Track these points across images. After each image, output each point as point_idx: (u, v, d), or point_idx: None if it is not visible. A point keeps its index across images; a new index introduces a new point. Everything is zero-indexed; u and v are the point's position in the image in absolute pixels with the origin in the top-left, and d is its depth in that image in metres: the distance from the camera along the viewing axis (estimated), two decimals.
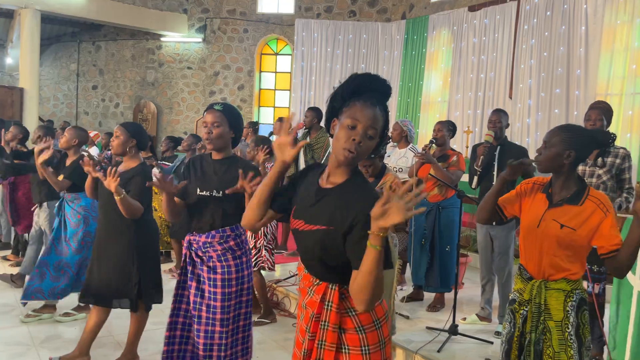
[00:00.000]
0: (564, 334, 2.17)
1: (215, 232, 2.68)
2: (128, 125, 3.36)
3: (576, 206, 2.18)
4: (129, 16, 11.99)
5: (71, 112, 13.90)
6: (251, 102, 12.65)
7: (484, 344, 3.75)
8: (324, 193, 1.77)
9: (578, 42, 7.84)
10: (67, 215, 4.26)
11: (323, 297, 1.75)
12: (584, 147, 2.22)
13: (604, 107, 3.46)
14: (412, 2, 11.13)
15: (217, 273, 2.65)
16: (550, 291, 2.21)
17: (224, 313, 2.63)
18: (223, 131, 2.67)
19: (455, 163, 4.45)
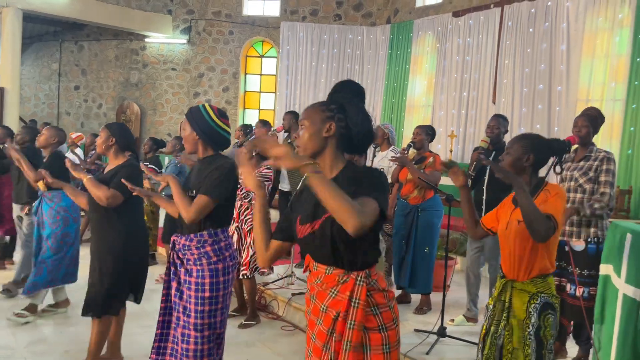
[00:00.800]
0: (524, 332, 2.31)
1: (193, 236, 2.67)
2: (110, 125, 3.38)
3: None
4: (113, 16, 11.88)
5: (52, 112, 13.71)
6: (236, 104, 12.61)
7: (472, 345, 3.79)
8: None
9: (560, 40, 7.98)
10: (45, 215, 4.22)
11: (350, 294, 1.78)
12: (541, 151, 2.42)
13: (591, 115, 3.51)
14: (397, 6, 11.22)
15: (192, 276, 2.65)
16: (516, 291, 2.37)
17: (198, 318, 2.61)
18: (185, 134, 2.72)
19: (432, 164, 4.54)
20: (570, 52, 7.89)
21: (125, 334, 3.67)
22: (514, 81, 8.60)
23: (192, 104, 12.65)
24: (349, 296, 1.78)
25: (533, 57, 8.33)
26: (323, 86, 11.49)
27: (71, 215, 4.25)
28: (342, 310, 1.78)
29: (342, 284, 1.81)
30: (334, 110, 1.85)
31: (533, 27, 8.36)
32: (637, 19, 6.86)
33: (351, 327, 1.77)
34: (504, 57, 8.77)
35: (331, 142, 1.85)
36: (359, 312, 1.76)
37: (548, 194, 2.32)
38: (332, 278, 1.83)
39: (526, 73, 8.42)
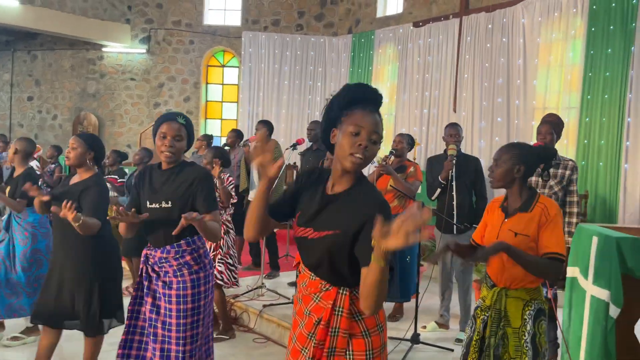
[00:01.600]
0: (520, 340, 2.31)
1: (170, 247, 2.58)
2: (86, 137, 3.24)
3: (527, 213, 2.36)
4: (68, 25, 11.56)
5: (4, 124, 13.21)
6: (197, 115, 12.46)
7: (445, 351, 3.84)
8: (330, 200, 1.81)
9: (517, 54, 8.24)
10: (14, 231, 4.05)
11: (334, 302, 1.77)
12: (530, 161, 2.43)
13: (554, 121, 3.65)
14: (358, 17, 11.36)
15: (172, 289, 2.56)
16: (510, 299, 2.36)
17: (179, 331, 2.53)
18: (182, 145, 2.62)
19: (413, 174, 4.57)
20: (527, 58, 8.14)
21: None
22: (473, 83, 8.81)
23: (152, 115, 12.43)
24: (332, 305, 1.77)
25: (492, 56, 8.54)
26: (285, 92, 11.49)
27: (39, 230, 4.09)
28: (323, 318, 1.77)
29: (324, 291, 1.80)
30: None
31: (491, 35, 8.60)
32: (589, 30, 7.16)
33: (335, 333, 1.77)
34: (464, 56, 8.97)
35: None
36: (343, 320, 1.76)
37: (546, 212, 2.31)
38: (315, 284, 1.82)
39: (486, 68, 8.63)
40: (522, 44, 8.20)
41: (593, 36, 7.10)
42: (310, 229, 1.80)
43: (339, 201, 1.78)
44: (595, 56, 7.05)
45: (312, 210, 1.82)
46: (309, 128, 5.71)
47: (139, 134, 12.32)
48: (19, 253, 4.07)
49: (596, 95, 7.05)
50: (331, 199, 1.81)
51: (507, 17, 8.41)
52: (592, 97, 7.09)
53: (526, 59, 8.16)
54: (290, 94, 11.49)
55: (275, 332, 4.53)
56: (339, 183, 1.81)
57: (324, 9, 11.91)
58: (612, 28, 6.91)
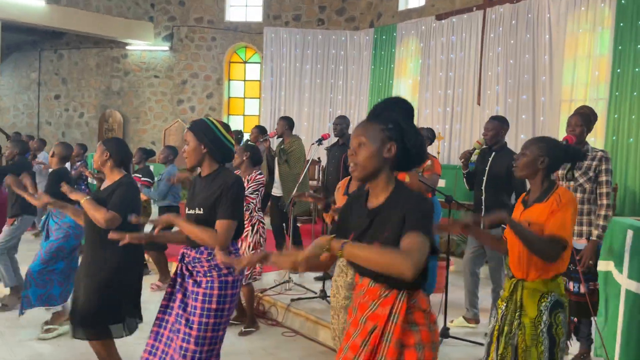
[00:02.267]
0: (537, 330, 2.34)
1: (204, 249, 2.65)
2: (105, 141, 3.32)
3: (542, 203, 2.38)
4: (93, 24, 11.74)
5: (32, 122, 13.49)
6: (220, 111, 12.55)
7: (475, 345, 3.83)
8: (375, 213, 1.85)
9: (542, 50, 8.13)
10: (51, 229, 4.18)
11: (391, 309, 1.77)
12: (556, 155, 2.45)
13: (584, 113, 3.56)
14: (380, 10, 11.30)
15: (201, 287, 2.63)
16: (526, 290, 2.39)
17: (201, 330, 2.57)
18: (191, 147, 2.67)
19: (430, 167, 4.54)
20: (553, 53, 8.02)
21: (119, 344, 3.58)
22: (498, 78, 8.72)
23: (176, 111, 12.57)
24: (389, 311, 1.77)
25: (517, 52, 8.43)
26: (307, 90, 11.51)
27: (74, 232, 4.21)
28: (379, 325, 1.77)
29: (383, 297, 1.81)
30: (392, 130, 1.81)
31: (516, 27, 8.49)
32: (617, 25, 7.01)
33: (387, 341, 1.76)
34: (488, 50, 8.87)
35: (388, 164, 1.83)
36: (396, 328, 1.75)
37: (558, 200, 2.34)
38: (374, 291, 1.83)
39: (511, 64, 8.52)
40: (547, 36, 8.07)
41: (621, 31, 6.95)
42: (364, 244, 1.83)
43: (383, 212, 1.83)
44: (624, 52, 6.91)
45: (362, 227, 1.86)
46: (334, 123, 5.72)
47: (163, 131, 12.49)
48: (45, 245, 4.21)
49: (625, 91, 6.91)
50: (375, 212, 1.85)
51: (532, 8, 8.28)
52: (621, 94, 6.95)
53: (552, 52, 8.03)
54: (312, 87, 11.50)
55: (304, 326, 4.57)
56: (376, 195, 1.87)
57: (345, 3, 11.87)
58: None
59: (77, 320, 3.13)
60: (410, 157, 1.83)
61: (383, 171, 1.83)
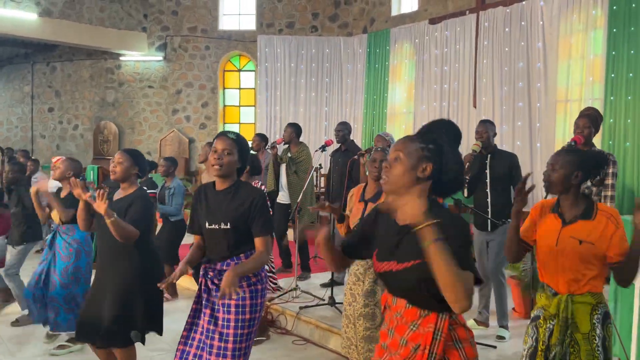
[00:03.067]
0: (591, 345, 2.27)
1: (230, 260, 2.66)
2: (131, 152, 3.31)
3: (590, 221, 2.32)
4: (86, 36, 11.72)
5: (26, 136, 13.41)
6: (216, 120, 12.55)
7: (487, 348, 3.85)
8: (406, 230, 1.78)
9: (536, 56, 8.19)
10: (58, 248, 4.14)
11: (435, 327, 1.75)
12: (589, 167, 2.41)
13: (592, 115, 3.62)
14: (373, 16, 11.36)
15: (232, 299, 2.61)
16: (576, 305, 2.32)
17: (237, 342, 2.58)
18: (232, 159, 2.65)
19: None
20: (547, 53, 8.10)
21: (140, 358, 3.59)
22: (493, 83, 8.78)
23: (171, 121, 12.55)
24: (432, 329, 1.75)
25: (511, 58, 8.51)
26: (302, 97, 11.53)
27: (84, 248, 4.18)
28: (423, 343, 1.75)
29: (423, 317, 1.78)
30: (432, 150, 1.77)
31: (509, 30, 8.56)
32: (610, 18, 7.10)
33: (432, 358, 1.73)
34: (482, 53, 8.94)
35: (421, 184, 1.78)
36: (440, 345, 1.74)
37: (613, 220, 2.29)
38: (413, 312, 1.80)
39: (505, 72, 8.59)
40: (541, 38, 8.14)
41: (614, 36, 7.03)
42: (394, 262, 1.81)
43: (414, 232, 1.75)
44: (617, 57, 6.97)
45: (391, 243, 1.83)
46: (336, 129, 5.74)
47: (159, 141, 12.46)
48: (60, 269, 4.14)
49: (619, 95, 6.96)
50: (406, 228, 1.78)
51: (525, 13, 8.36)
52: (616, 98, 7.01)
53: (546, 53, 8.11)
54: (307, 94, 11.52)
55: (314, 333, 4.57)
56: (406, 213, 1.77)
57: (338, 9, 11.94)
58: (632, 29, 6.84)
59: (102, 330, 3.13)
60: (445, 182, 1.78)
61: (414, 189, 1.78)
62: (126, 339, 3.16)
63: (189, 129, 12.56)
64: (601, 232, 2.28)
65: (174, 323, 4.25)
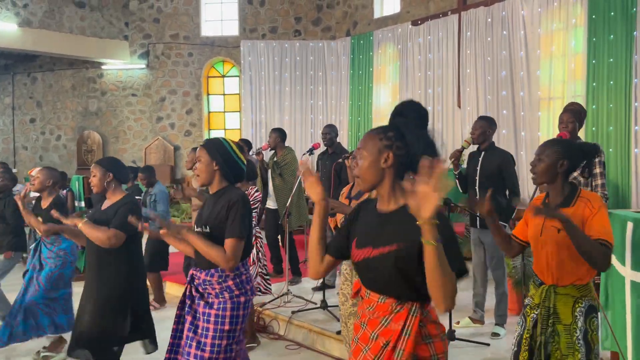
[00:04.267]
0: (572, 337, 2.28)
1: (214, 271, 2.63)
2: (102, 161, 3.29)
3: (569, 208, 2.32)
4: (67, 45, 11.59)
5: (8, 147, 13.21)
6: (201, 126, 12.48)
7: (481, 346, 3.85)
8: (387, 217, 1.81)
9: (518, 45, 8.26)
10: (44, 257, 4.07)
11: (404, 324, 1.75)
12: (574, 156, 2.40)
13: (575, 109, 3.65)
14: (356, 19, 11.39)
15: (213, 308, 2.60)
16: (559, 296, 2.33)
17: (213, 352, 2.53)
18: (203, 165, 2.66)
19: None
20: (529, 48, 8.15)
21: None
22: (476, 78, 8.83)
23: (156, 129, 12.44)
24: (401, 326, 1.75)
25: (493, 49, 8.55)
26: (287, 101, 11.50)
27: (70, 258, 4.14)
28: (392, 340, 1.75)
29: (395, 313, 1.78)
30: (391, 137, 1.79)
31: (491, 29, 8.63)
32: (590, 18, 7.19)
33: (399, 356, 1.74)
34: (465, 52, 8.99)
35: (389, 173, 1.81)
36: (408, 342, 1.73)
37: (590, 205, 2.29)
38: (385, 307, 1.80)
39: (488, 62, 8.63)
40: (523, 35, 8.21)
41: (594, 24, 7.13)
42: (369, 248, 1.81)
43: (396, 216, 1.79)
44: (598, 43, 7.08)
45: (370, 231, 1.84)
46: (323, 132, 5.73)
47: (144, 149, 12.35)
48: (44, 274, 4.09)
49: (601, 82, 7.07)
50: (387, 216, 1.81)
51: (507, 10, 8.44)
52: (598, 85, 7.11)
53: (528, 51, 8.18)
54: (292, 100, 11.49)
55: (307, 337, 4.54)
56: (386, 202, 1.84)
57: (321, 13, 11.95)
58: (612, 14, 6.94)
59: (82, 341, 3.06)
60: (413, 162, 1.78)
61: (385, 179, 1.82)
62: (106, 354, 3.10)
63: (174, 136, 12.47)
64: (580, 218, 2.28)
65: (163, 332, 4.19)
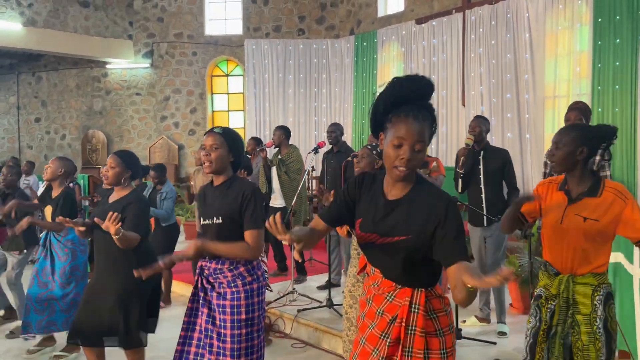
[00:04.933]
0: (592, 327, 2.25)
1: (225, 259, 2.63)
2: (123, 156, 3.26)
3: (595, 198, 2.27)
4: (72, 45, 11.63)
5: (13, 146, 13.26)
6: (205, 125, 12.49)
7: (488, 345, 3.84)
8: (394, 205, 1.80)
9: (523, 48, 8.26)
10: (55, 248, 4.10)
11: (411, 300, 1.78)
12: (593, 142, 2.32)
13: (582, 107, 3.64)
14: (360, 17, 11.38)
15: (227, 299, 2.59)
16: (577, 285, 2.29)
17: (234, 342, 2.55)
18: (221, 154, 2.62)
19: (436, 168, 4.58)
20: (534, 51, 8.15)
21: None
22: (481, 78, 8.82)
23: (160, 128, 12.47)
24: (409, 302, 1.78)
25: (498, 52, 8.55)
26: (291, 100, 11.51)
27: (79, 247, 4.14)
28: (400, 316, 1.78)
29: (399, 289, 1.82)
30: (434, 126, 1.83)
31: (496, 29, 8.61)
32: (595, 15, 7.16)
33: (412, 332, 1.76)
34: (470, 51, 8.97)
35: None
36: (419, 318, 1.76)
37: (620, 195, 2.24)
38: (389, 283, 1.84)
39: (493, 64, 8.64)
40: (528, 38, 8.19)
41: (600, 26, 7.10)
42: (376, 235, 1.81)
43: (403, 206, 1.78)
44: (604, 46, 7.05)
45: (377, 217, 1.82)
46: (329, 131, 5.72)
47: (148, 149, 12.37)
48: (58, 269, 4.12)
49: (607, 85, 7.04)
50: (393, 204, 1.80)
51: (511, 8, 8.42)
52: (603, 88, 7.08)
53: (533, 50, 8.17)
54: (296, 101, 11.49)
55: (313, 336, 4.54)
56: (397, 188, 1.81)
57: (325, 11, 11.94)
58: (618, 18, 6.91)
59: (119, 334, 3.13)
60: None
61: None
62: (134, 341, 3.16)
63: (178, 135, 12.49)
64: (607, 209, 2.24)
65: (167, 331, 4.21)
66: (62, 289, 4.07)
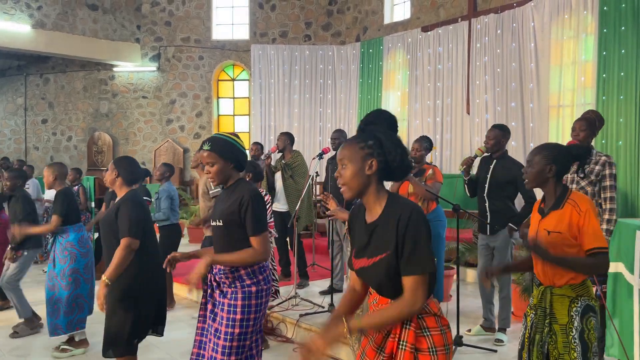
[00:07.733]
0: (568, 337, 2.33)
1: None
2: (117, 161, 3.38)
3: (558, 210, 2.40)
4: (79, 47, 11.72)
5: (20, 147, 13.36)
6: (210, 129, 12.56)
7: (488, 352, 3.86)
8: (372, 227, 1.91)
9: (529, 57, 8.29)
10: (56, 251, 4.18)
11: None
12: (562, 160, 2.46)
13: (589, 118, 3.64)
14: (366, 24, 11.45)
15: (226, 297, 2.67)
16: (555, 296, 2.39)
17: (227, 340, 2.60)
18: (219, 167, 2.69)
19: (432, 176, 4.62)
20: (539, 60, 8.19)
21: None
22: (486, 86, 8.86)
23: (166, 131, 12.54)
24: None
25: (503, 61, 8.60)
26: (297, 106, 11.57)
27: (79, 250, 4.20)
28: (394, 331, 1.86)
29: None
30: (372, 146, 1.86)
31: (501, 38, 8.65)
32: (601, 20, 7.19)
33: (403, 347, 1.83)
34: (475, 59, 9.02)
35: (373, 179, 1.88)
36: (410, 334, 1.83)
37: (577, 208, 2.33)
38: (385, 300, 1.90)
39: (498, 73, 8.68)
40: (533, 47, 8.22)
41: (605, 37, 7.12)
42: (364, 258, 1.92)
43: (379, 226, 1.88)
44: (608, 57, 7.06)
45: (362, 242, 1.93)
46: (332, 137, 5.76)
47: (153, 151, 12.45)
48: (58, 272, 4.20)
49: (611, 96, 7.05)
50: (372, 226, 1.90)
51: (517, 18, 8.46)
52: (608, 98, 7.09)
53: (538, 59, 8.20)
54: (302, 107, 11.55)
55: None
56: (371, 210, 1.93)
57: (331, 18, 12.02)
58: (623, 29, 6.94)
59: (105, 339, 3.15)
60: (394, 168, 1.87)
61: (371, 186, 1.88)
62: (124, 349, 3.15)
63: (183, 138, 12.56)
64: (568, 220, 2.34)
65: (172, 332, 4.25)
66: (63, 291, 4.14)
